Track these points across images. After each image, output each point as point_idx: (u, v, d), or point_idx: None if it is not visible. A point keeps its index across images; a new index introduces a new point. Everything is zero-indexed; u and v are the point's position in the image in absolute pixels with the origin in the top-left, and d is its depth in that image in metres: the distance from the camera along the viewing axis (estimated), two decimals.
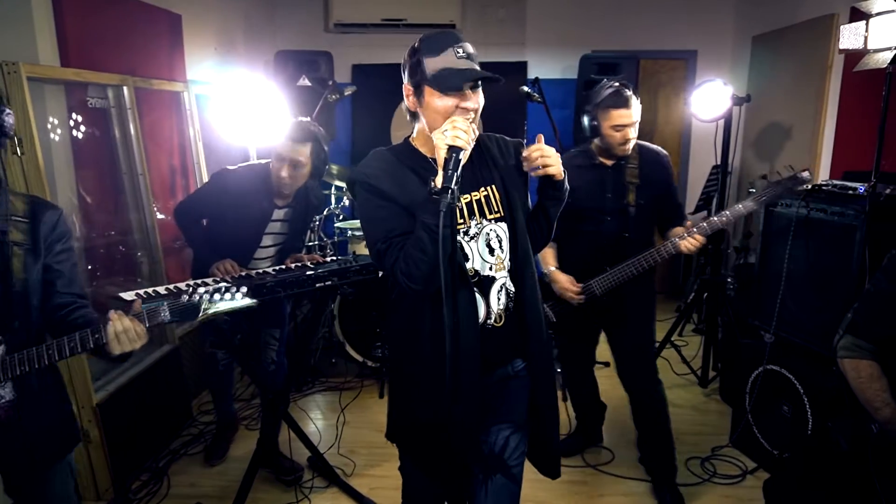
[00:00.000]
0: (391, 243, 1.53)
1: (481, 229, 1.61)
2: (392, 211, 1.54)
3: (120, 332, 1.54)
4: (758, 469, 2.96)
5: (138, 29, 3.36)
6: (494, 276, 1.62)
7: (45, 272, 1.64)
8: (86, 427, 2.63)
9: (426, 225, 1.44)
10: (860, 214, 2.49)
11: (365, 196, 1.58)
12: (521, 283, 1.65)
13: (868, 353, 1.84)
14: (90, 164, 3.05)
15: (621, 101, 2.43)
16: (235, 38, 4.75)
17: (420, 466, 1.74)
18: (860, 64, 2.46)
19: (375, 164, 1.60)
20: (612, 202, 2.56)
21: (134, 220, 3.24)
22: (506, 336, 1.65)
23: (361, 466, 3.01)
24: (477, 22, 5.40)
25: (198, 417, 3.49)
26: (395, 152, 1.64)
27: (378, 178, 1.56)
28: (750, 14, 5.05)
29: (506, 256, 1.64)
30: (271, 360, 2.97)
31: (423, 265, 1.46)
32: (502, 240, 1.64)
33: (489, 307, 1.62)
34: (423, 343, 1.60)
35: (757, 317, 3.08)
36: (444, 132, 1.44)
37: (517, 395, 1.72)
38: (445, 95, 1.51)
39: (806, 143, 4.10)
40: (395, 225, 1.54)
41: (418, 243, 1.46)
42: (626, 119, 2.42)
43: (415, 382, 1.66)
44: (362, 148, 5.65)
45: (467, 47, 1.52)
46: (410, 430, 1.72)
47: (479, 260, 1.61)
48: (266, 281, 2.34)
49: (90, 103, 2.99)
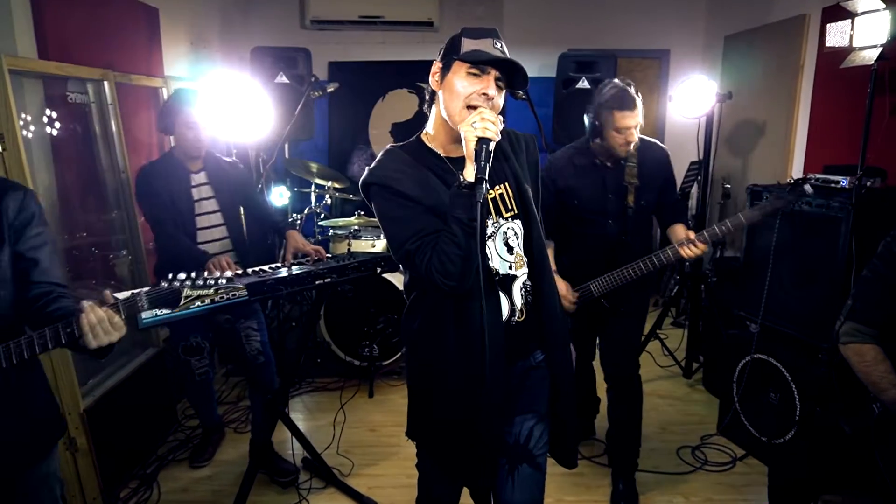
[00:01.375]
0: (422, 242, 1.49)
1: (498, 228, 1.61)
2: (418, 210, 1.52)
3: (94, 324, 1.40)
4: (746, 456, 3.04)
5: (116, 22, 3.25)
6: (515, 273, 1.62)
7: (17, 261, 1.50)
8: (73, 434, 2.54)
9: (459, 220, 1.43)
10: (845, 206, 2.58)
11: (385, 198, 1.55)
12: (540, 279, 1.65)
13: (870, 337, 1.89)
14: (70, 161, 2.94)
15: (627, 103, 2.36)
16: (211, 33, 4.65)
17: (443, 463, 1.74)
18: (846, 61, 2.55)
19: (393, 165, 1.57)
20: (614, 204, 2.52)
21: (116, 219, 3.13)
22: (527, 329, 1.66)
23: (359, 466, 2.98)
24: (454, 20, 5.40)
25: (183, 422, 3.40)
26: (410, 151, 1.61)
27: (398, 180, 1.53)
28: (722, 14, 5.18)
29: (524, 253, 1.64)
30: (258, 352, 2.87)
31: (458, 261, 1.44)
32: (519, 237, 1.64)
33: (513, 304, 1.62)
34: (448, 341, 1.58)
35: (743, 307, 3.16)
36: (472, 124, 1.42)
37: (538, 386, 1.73)
38: (470, 76, 1.49)
39: (779, 139, 4.23)
40: (424, 224, 1.50)
41: (453, 239, 1.44)
42: (630, 121, 2.36)
43: (439, 380, 1.64)
44: (339, 147, 5.59)
45: (504, 46, 1.52)
46: (435, 428, 1.70)
47: (497, 259, 1.60)
48: (266, 279, 2.30)
49: (70, 98, 2.88)
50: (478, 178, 1.39)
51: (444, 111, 1.56)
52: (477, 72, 1.49)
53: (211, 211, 2.82)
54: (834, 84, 3.69)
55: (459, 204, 1.43)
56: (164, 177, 2.72)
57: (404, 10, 5.24)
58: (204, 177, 2.82)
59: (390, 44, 5.47)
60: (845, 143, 3.56)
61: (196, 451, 3.09)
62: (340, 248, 4.03)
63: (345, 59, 5.43)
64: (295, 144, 5.15)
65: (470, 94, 1.49)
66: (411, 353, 1.75)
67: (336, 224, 4.26)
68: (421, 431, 1.75)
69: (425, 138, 1.64)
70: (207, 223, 2.80)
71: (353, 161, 5.62)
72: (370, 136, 5.56)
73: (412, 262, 1.52)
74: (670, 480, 2.88)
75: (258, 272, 2.45)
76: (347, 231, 4.11)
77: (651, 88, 5.59)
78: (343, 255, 2.69)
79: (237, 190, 2.89)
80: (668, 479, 2.89)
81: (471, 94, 1.49)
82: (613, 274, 2.50)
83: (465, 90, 1.49)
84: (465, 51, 1.49)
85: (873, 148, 2.63)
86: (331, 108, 5.52)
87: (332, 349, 4.00)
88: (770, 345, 2.94)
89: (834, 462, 2.01)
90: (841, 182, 2.68)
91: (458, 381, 1.58)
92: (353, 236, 4.06)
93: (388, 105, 5.54)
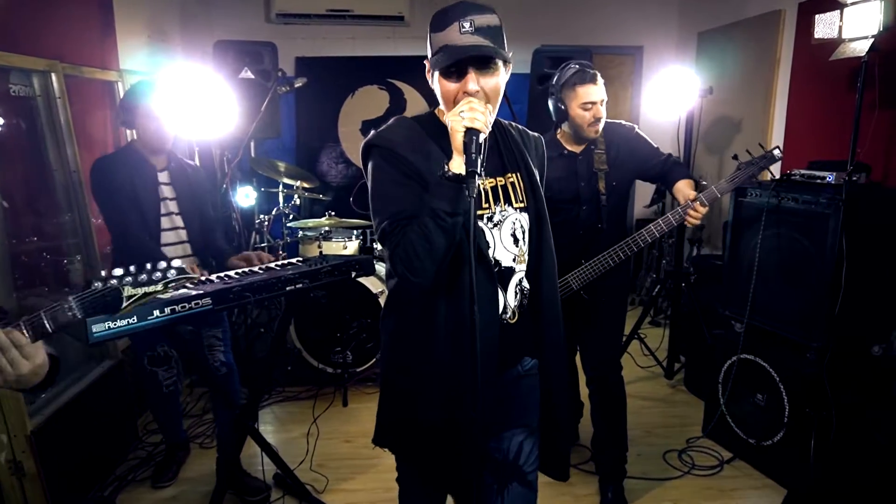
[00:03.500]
0: (399, 225, 1.38)
1: (506, 217, 1.49)
2: (409, 189, 1.39)
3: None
4: (734, 459, 2.97)
5: (65, 11, 3.02)
6: (514, 267, 1.51)
7: None
8: (19, 458, 2.32)
9: (434, 211, 1.31)
10: (833, 202, 2.52)
11: (382, 165, 1.42)
12: (540, 280, 1.54)
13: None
14: (14, 160, 2.71)
15: (587, 78, 2.36)
16: (170, 25, 4.41)
17: (421, 471, 1.60)
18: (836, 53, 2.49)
19: (401, 131, 1.46)
20: (586, 191, 2.48)
21: (67, 222, 2.90)
22: (519, 334, 1.54)
23: (334, 481, 2.81)
24: (425, 14, 5.24)
25: (144, 438, 3.18)
26: (421, 122, 1.50)
27: (402, 146, 1.41)
28: (694, 10, 5.16)
29: (527, 249, 1.52)
30: (220, 363, 2.70)
31: (424, 256, 1.33)
32: (525, 231, 1.52)
33: (506, 301, 1.50)
34: (436, 340, 1.45)
35: (728, 307, 3.09)
36: (460, 113, 1.31)
37: (529, 397, 1.61)
38: (446, 80, 1.38)
39: (756, 135, 4.20)
40: (406, 206, 1.38)
41: (422, 231, 1.32)
42: (594, 95, 2.35)
43: (422, 382, 1.50)
44: (308, 145, 5.40)
45: (478, 19, 1.35)
46: (412, 434, 1.56)
47: (501, 249, 1.49)
48: (232, 286, 2.12)
49: (13, 91, 2.65)
50: (469, 171, 1.26)
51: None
52: (455, 76, 1.38)
53: (174, 212, 2.64)
54: (812, 79, 3.66)
55: (439, 194, 1.31)
56: (127, 169, 2.53)
57: (374, 4, 5.08)
58: (167, 177, 2.64)
59: (360, 38, 5.31)
60: (824, 138, 3.54)
61: (159, 469, 2.89)
62: (311, 250, 3.84)
63: (313, 55, 5.24)
64: (260, 143, 4.95)
65: (453, 97, 1.39)
66: (389, 351, 1.61)
67: (306, 225, 4.07)
68: (396, 439, 1.60)
69: (439, 113, 1.53)
70: (170, 224, 2.62)
71: (322, 160, 5.43)
72: (339, 134, 5.39)
73: (385, 243, 1.42)
74: (659, 486, 2.80)
75: (223, 278, 2.27)
76: (318, 232, 3.93)
77: (625, 85, 5.54)
78: (315, 258, 2.52)
79: (197, 195, 2.72)
80: (657, 485, 2.81)
81: (454, 98, 1.39)
82: (591, 264, 2.45)
83: (448, 94, 1.40)
84: (433, 53, 1.40)
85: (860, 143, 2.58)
86: (298, 106, 5.32)
87: (303, 356, 3.82)
88: (756, 345, 2.88)
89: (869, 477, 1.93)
90: (827, 178, 2.63)
91: (444, 385, 1.45)
92: (324, 238, 3.89)
93: (357, 102, 5.37)
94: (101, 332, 1.75)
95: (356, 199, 5.05)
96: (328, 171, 5.42)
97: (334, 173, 5.43)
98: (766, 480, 2.80)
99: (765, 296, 2.86)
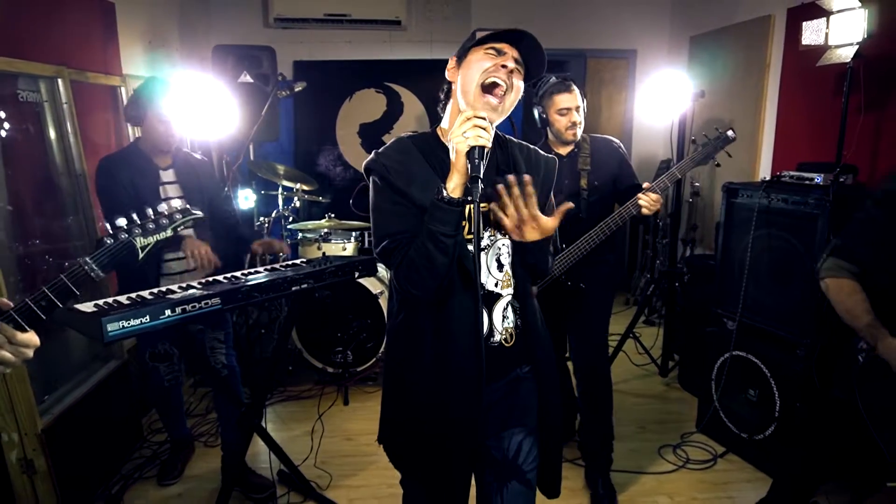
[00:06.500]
0: (400, 243, 1.44)
1: (493, 242, 1.54)
2: (407, 209, 1.45)
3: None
4: (727, 453, 3.05)
5: (70, 17, 3.07)
6: (500, 293, 1.56)
7: None
8: (30, 456, 2.36)
9: (432, 234, 1.37)
10: (820, 203, 2.60)
11: (380, 187, 1.48)
12: (525, 300, 1.60)
13: (850, 273, 1.95)
14: (22, 164, 2.75)
15: (563, 87, 2.59)
16: (170, 31, 4.46)
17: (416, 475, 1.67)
18: (823, 59, 2.57)
19: (397, 156, 1.49)
20: (568, 187, 2.64)
21: (73, 224, 2.95)
22: (516, 353, 1.61)
23: (337, 478, 2.87)
24: (422, 19, 5.33)
25: (148, 437, 3.23)
26: (420, 144, 1.53)
27: (398, 173, 1.46)
28: (686, 15, 5.25)
29: (512, 274, 1.57)
30: (222, 365, 2.76)
31: (425, 273, 1.39)
32: (510, 256, 1.57)
33: (492, 324, 1.55)
34: (425, 350, 1.52)
35: (720, 305, 3.17)
36: (464, 134, 1.33)
37: (527, 399, 1.66)
38: (488, 55, 1.45)
39: (747, 138, 4.28)
40: (408, 226, 1.44)
41: (422, 251, 1.39)
42: (568, 102, 2.56)
43: (412, 390, 1.57)
44: (306, 148, 5.45)
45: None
46: (407, 445, 1.63)
47: (485, 273, 1.54)
48: (239, 286, 2.18)
49: (21, 97, 2.69)
50: (473, 175, 1.31)
51: (460, 98, 1.50)
52: (494, 52, 1.46)
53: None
54: (801, 83, 3.75)
55: (436, 218, 1.36)
56: (130, 169, 2.58)
57: (371, 9, 5.15)
58: (172, 174, 2.69)
59: (357, 43, 5.37)
60: (813, 140, 3.62)
61: (164, 467, 2.94)
62: (311, 251, 3.91)
63: (310, 59, 5.30)
64: (259, 146, 5.00)
65: (488, 67, 1.44)
66: (389, 356, 1.68)
67: (305, 227, 4.13)
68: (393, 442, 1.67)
69: (440, 132, 1.58)
70: None
71: (321, 162, 5.49)
72: (337, 137, 5.44)
73: (387, 260, 1.48)
74: (654, 480, 2.87)
75: (230, 279, 2.33)
76: (317, 234, 3.99)
77: (619, 88, 5.62)
78: (318, 259, 2.58)
79: (205, 189, 2.76)
80: (652, 478, 2.88)
81: (488, 68, 1.44)
82: (571, 249, 2.57)
83: (481, 62, 1.45)
84: (481, 36, 1.46)
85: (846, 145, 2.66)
86: (296, 109, 5.38)
87: (304, 356, 3.88)
88: (748, 342, 2.96)
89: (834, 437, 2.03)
90: (815, 179, 2.71)
91: (430, 394, 1.52)
92: (324, 239, 3.95)
93: (355, 105, 5.43)
94: (116, 331, 1.81)
95: (355, 201, 5.11)
96: (327, 174, 5.47)
97: (333, 175, 5.49)
98: (758, 473, 2.88)
99: (756, 294, 2.94)
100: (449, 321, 1.48)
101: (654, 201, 2.46)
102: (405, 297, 1.54)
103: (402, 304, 1.58)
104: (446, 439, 1.51)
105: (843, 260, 1.98)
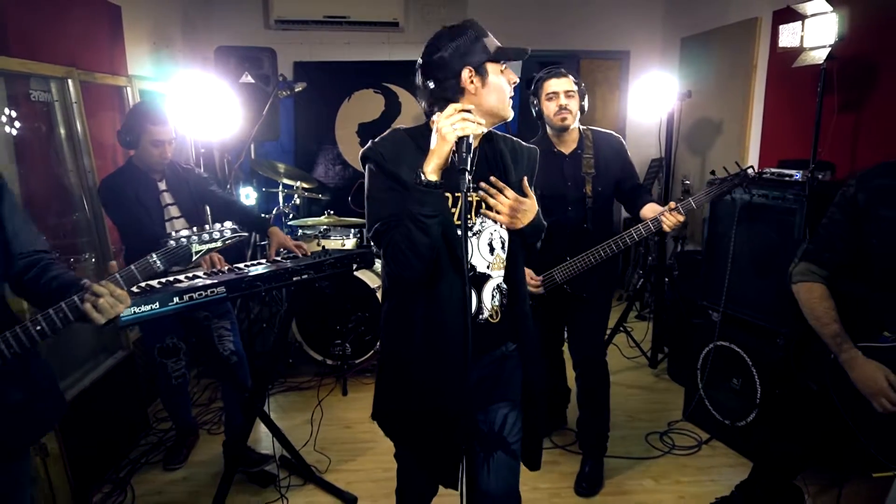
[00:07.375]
0: (389, 227, 1.54)
1: (485, 228, 1.66)
2: (401, 195, 1.54)
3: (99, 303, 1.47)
4: (711, 439, 3.17)
5: (79, 19, 3.19)
6: (490, 274, 1.67)
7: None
8: (44, 440, 2.48)
9: (412, 214, 1.47)
10: (799, 198, 2.72)
11: (375, 174, 1.59)
12: (516, 283, 1.72)
13: (820, 277, 2.03)
14: (33, 162, 2.87)
15: (554, 73, 2.58)
16: (173, 32, 4.58)
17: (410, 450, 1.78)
18: (798, 60, 2.69)
19: (392, 147, 1.59)
20: (573, 192, 2.63)
21: (81, 220, 3.07)
22: (501, 330, 1.72)
23: (336, 462, 2.99)
24: (419, 21, 5.44)
25: (154, 425, 3.35)
26: (415, 135, 1.63)
27: (393, 161, 1.56)
28: (678, 16, 5.36)
29: (505, 257, 1.69)
30: (231, 352, 2.87)
31: (410, 255, 1.49)
32: (504, 242, 1.69)
33: (481, 303, 1.66)
34: (416, 329, 1.63)
35: (706, 297, 3.29)
36: (453, 124, 1.43)
37: (512, 374, 1.78)
38: (503, 73, 1.59)
39: (735, 136, 4.41)
40: (396, 210, 1.54)
41: (405, 232, 1.49)
42: (556, 86, 2.53)
43: (405, 369, 1.68)
44: (305, 147, 5.57)
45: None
46: (400, 416, 1.74)
47: (477, 256, 1.65)
48: (243, 276, 2.30)
49: (33, 96, 2.82)
50: (461, 168, 1.42)
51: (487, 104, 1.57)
52: (503, 68, 1.61)
53: (175, 216, 2.82)
54: (785, 83, 3.87)
55: (416, 199, 1.47)
56: (132, 184, 2.70)
57: (369, 11, 5.26)
58: (164, 184, 2.82)
59: (356, 44, 5.48)
60: (796, 139, 3.74)
61: (170, 453, 3.06)
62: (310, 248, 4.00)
63: (310, 59, 5.41)
64: (260, 145, 5.12)
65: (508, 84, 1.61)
66: (384, 337, 1.79)
67: (305, 224, 4.25)
68: (387, 419, 1.78)
69: (433, 125, 1.66)
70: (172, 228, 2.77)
71: (320, 161, 5.60)
72: (336, 136, 5.56)
73: (378, 243, 1.59)
74: (640, 465, 2.98)
75: (234, 269, 2.45)
76: (317, 231, 4.11)
77: (612, 88, 5.74)
78: (318, 252, 2.70)
79: (195, 192, 2.89)
80: (639, 463, 2.99)
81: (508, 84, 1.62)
82: (576, 260, 2.58)
83: (504, 84, 1.60)
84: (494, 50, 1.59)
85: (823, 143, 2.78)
86: (296, 109, 5.50)
87: (304, 349, 4.00)
88: (731, 332, 3.07)
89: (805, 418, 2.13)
90: (794, 175, 2.83)
91: (421, 372, 1.63)
92: (323, 236, 4.07)
93: (354, 105, 5.54)
94: (128, 316, 1.94)
95: (354, 198, 5.22)
96: (326, 172, 5.59)
97: (332, 174, 5.61)
98: (740, 459, 2.99)
99: (739, 286, 3.06)
100: (439, 300, 1.59)
101: (679, 221, 2.46)
102: (396, 280, 1.65)
103: (393, 286, 1.69)
104: (436, 410, 1.63)
105: (814, 264, 2.05)
